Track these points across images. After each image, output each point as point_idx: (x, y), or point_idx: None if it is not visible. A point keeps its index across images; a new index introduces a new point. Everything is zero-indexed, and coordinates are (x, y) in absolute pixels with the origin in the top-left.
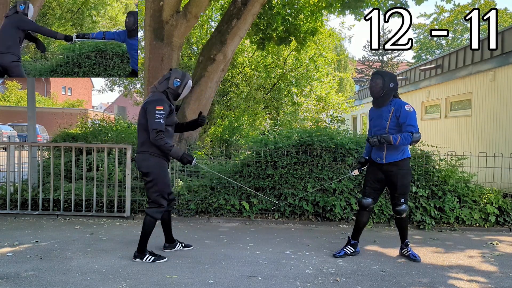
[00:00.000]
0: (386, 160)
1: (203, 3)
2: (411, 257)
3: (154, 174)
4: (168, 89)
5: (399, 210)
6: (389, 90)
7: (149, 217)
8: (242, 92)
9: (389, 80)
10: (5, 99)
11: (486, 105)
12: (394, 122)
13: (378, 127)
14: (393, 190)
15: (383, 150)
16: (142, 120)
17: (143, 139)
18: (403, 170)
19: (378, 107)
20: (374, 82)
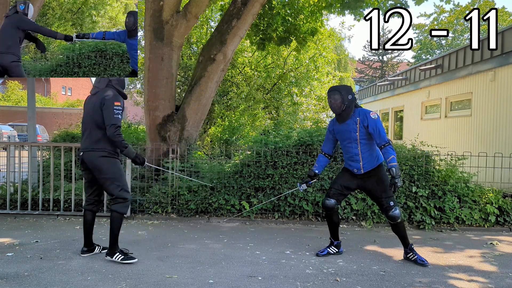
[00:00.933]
0: (365, 170)
1: (203, 3)
2: (419, 262)
3: (113, 169)
4: (111, 81)
5: (392, 215)
6: (349, 102)
7: (115, 213)
8: (242, 92)
9: (347, 93)
10: (5, 99)
11: (486, 105)
12: (363, 131)
13: (348, 140)
14: (377, 196)
15: (359, 161)
16: (97, 117)
17: (98, 137)
18: (380, 174)
19: (343, 121)
20: (332, 98)
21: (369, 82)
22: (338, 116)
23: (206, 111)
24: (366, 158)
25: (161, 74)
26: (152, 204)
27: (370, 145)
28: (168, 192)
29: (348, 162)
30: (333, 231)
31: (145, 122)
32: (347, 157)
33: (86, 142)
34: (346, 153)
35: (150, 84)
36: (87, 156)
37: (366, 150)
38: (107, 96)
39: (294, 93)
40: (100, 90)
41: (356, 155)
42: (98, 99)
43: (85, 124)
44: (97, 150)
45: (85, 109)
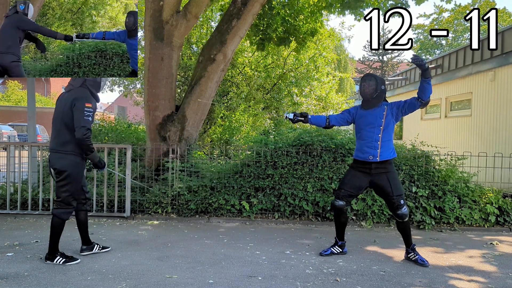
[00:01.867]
0: (381, 158)
1: (203, 3)
2: (419, 262)
3: (70, 174)
4: (86, 80)
5: (401, 214)
6: (381, 92)
7: (56, 218)
8: (242, 92)
9: (381, 82)
10: (6, 99)
11: (486, 105)
12: (389, 120)
13: (371, 125)
14: (388, 193)
15: (377, 148)
16: (66, 118)
17: (66, 139)
18: (392, 170)
19: (369, 108)
20: (367, 83)
21: None
22: (366, 102)
23: (206, 111)
24: (384, 147)
25: (161, 74)
26: (152, 204)
27: (389, 135)
28: (168, 192)
29: (364, 149)
30: (339, 231)
31: (145, 122)
32: (364, 143)
33: (53, 143)
34: (364, 139)
35: (150, 84)
36: (52, 157)
37: (386, 139)
38: (78, 96)
39: (294, 93)
40: (73, 89)
41: (376, 141)
42: (69, 98)
43: (54, 122)
44: (63, 153)
45: (56, 106)
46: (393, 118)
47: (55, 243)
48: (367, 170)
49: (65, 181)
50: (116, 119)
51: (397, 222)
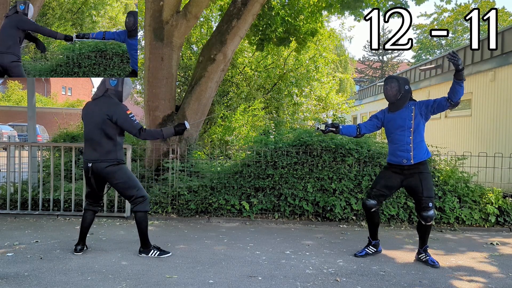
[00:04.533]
0: (415, 161)
1: (203, 3)
2: (430, 263)
3: (124, 174)
4: (108, 90)
5: (426, 216)
6: (405, 92)
7: (140, 213)
8: (242, 92)
9: (404, 82)
10: (6, 99)
11: (486, 105)
12: (418, 120)
13: (401, 128)
14: (418, 193)
15: (409, 151)
16: (107, 129)
17: (109, 148)
18: (426, 171)
19: (396, 110)
20: (389, 86)
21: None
22: (392, 105)
23: (206, 111)
24: (417, 148)
25: (161, 74)
26: (152, 204)
27: (421, 136)
28: (168, 192)
29: (397, 153)
30: (372, 231)
31: (145, 122)
32: (396, 147)
33: (95, 154)
34: (396, 143)
35: (150, 84)
36: (96, 167)
37: (418, 141)
38: (117, 110)
39: (294, 93)
40: (97, 98)
41: (407, 144)
42: (104, 111)
43: (91, 134)
44: (107, 161)
45: (89, 117)
46: (423, 118)
47: (147, 236)
48: (400, 171)
49: (125, 183)
50: None
51: (419, 222)
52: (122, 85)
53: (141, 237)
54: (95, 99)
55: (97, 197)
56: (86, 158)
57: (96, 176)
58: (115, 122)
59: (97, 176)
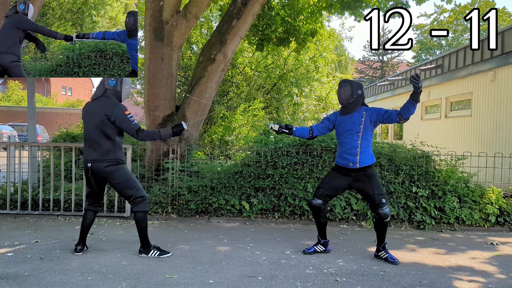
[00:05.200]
0: (360, 165)
1: (203, 3)
2: (390, 260)
3: (123, 174)
4: (107, 90)
5: (383, 213)
6: (357, 97)
7: (139, 213)
8: (242, 92)
9: (357, 87)
10: (6, 99)
11: (486, 105)
12: (367, 126)
13: (350, 131)
14: (369, 193)
15: (356, 155)
16: (106, 129)
17: (108, 148)
18: (372, 173)
19: (347, 113)
20: (343, 89)
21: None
22: (344, 108)
23: (206, 111)
24: (363, 153)
25: (161, 74)
26: (152, 204)
27: (368, 142)
28: (168, 192)
29: (344, 155)
30: (320, 230)
31: (145, 122)
32: (344, 150)
33: (94, 154)
34: (344, 146)
35: (150, 84)
36: (96, 166)
37: (365, 146)
38: (115, 111)
39: (294, 93)
40: (96, 98)
41: (354, 148)
42: (102, 111)
43: (91, 134)
44: (106, 161)
45: (88, 117)
46: (371, 124)
47: (146, 236)
48: (348, 173)
49: (124, 183)
50: None
51: (377, 221)
52: (121, 85)
53: (141, 237)
54: (94, 99)
55: (98, 197)
56: (86, 158)
57: (96, 176)
58: (113, 122)
59: (97, 176)
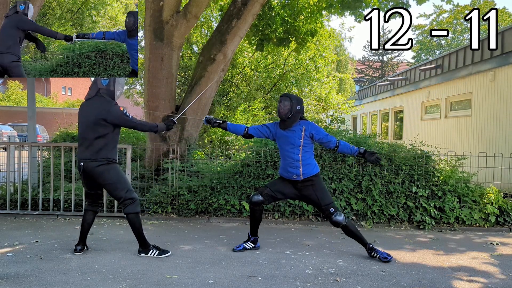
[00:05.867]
0: (304, 176)
1: (203, 3)
2: (382, 259)
3: (114, 175)
4: (100, 90)
5: (335, 221)
6: (296, 112)
7: (131, 215)
8: (242, 92)
9: (297, 102)
10: (6, 99)
11: (486, 105)
12: (306, 139)
13: (291, 145)
14: (316, 204)
15: (298, 167)
16: (99, 129)
17: (99, 147)
18: (318, 182)
19: (286, 128)
20: (282, 103)
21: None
22: (283, 122)
23: (206, 111)
24: (306, 166)
25: (161, 74)
26: (152, 204)
27: (309, 153)
28: (168, 192)
29: (287, 168)
30: (253, 227)
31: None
32: (286, 163)
33: (86, 153)
34: (286, 159)
35: (150, 84)
36: (87, 166)
37: (306, 158)
38: (111, 110)
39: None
40: (90, 98)
41: (296, 161)
42: (97, 112)
43: (84, 134)
44: (97, 160)
45: (82, 117)
46: (310, 140)
47: (143, 237)
48: (294, 184)
49: (114, 184)
50: None
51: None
52: (114, 84)
53: (138, 238)
54: (88, 99)
55: (96, 197)
56: (79, 157)
57: (87, 175)
58: (110, 122)
59: (88, 175)
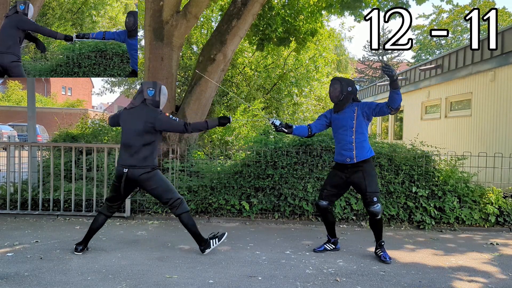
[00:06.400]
0: (357, 159)
1: (203, 3)
2: (382, 259)
3: (159, 180)
4: (145, 100)
5: (374, 211)
6: (347, 93)
7: (183, 215)
8: (242, 92)
9: (347, 84)
10: (6, 99)
11: (486, 105)
12: (360, 120)
13: (344, 127)
14: (362, 189)
15: (352, 150)
16: (147, 137)
17: (146, 154)
18: (370, 168)
19: (339, 110)
20: (332, 87)
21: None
22: (335, 105)
23: (206, 111)
24: (359, 148)
25: (161, 74)
26: (152, 204)
27: (363, 136)
28: None
29: (341, 152)
30: (329, 229)
31: None
32: (340, 146)
33: (132, 160)
34: (340, 142)
35: None
36: (132, 173)
37: (360, 140)
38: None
39: (294, 93)
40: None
41: (350, 143)
42: (145, 119)
43: (130, 141)
44: (143, 167)
45: (129, 124)
46: (365, 118)
47: (199, 234)
48: (345, 169)
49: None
50: None
51: (370, 218)
52: (159, 94)
53: (194, 236)
54: (131, 108)
55: (120, 204)
56: (122, 163)
57: (130, 182)
58: (158, 129)
59: (131, 182)
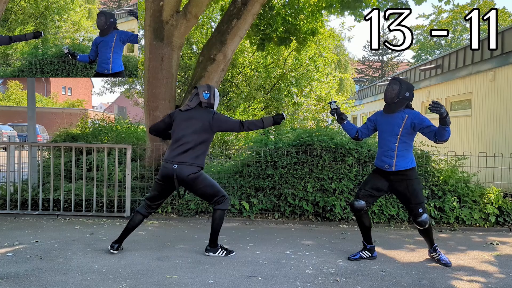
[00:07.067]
0: (396, 168)
1: (203, 3)
2: (442, 262)
3: (206, 180)
4: (201, 103)
5: (421, 221)
6: (403, 98)
7: (219, 211)
8: (242, 92)
9: (406, 88)
10: (6, 99)
11: (486, 105)
12: (407, 129)
13: (389, 132)
14: (406, 201)
15: (393, 157)
16: (205, 135)
17: (199, 153)
18: (412, 178)
19: (389, 112)
20: (390, 87)
21: (369, 82)
22: (387, 106)
23: None
24: (401, 157)
25: (161, 74)
26: None
27: (408, 145)
28: None
29: (381, 157)
30: (364, 235)
31: (145, 122)
32: (382, 152)
33: (183, 156)
34: (382, 147)
35: (150, 84)
36: (181, 169)
37: (402, 149)
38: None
39: (294, 93)
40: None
41: (391, 150)
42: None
43: (187, 137)
44: (194, 165)
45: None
46: (412, 128)
47: (217, 236)
48: (386, 176)
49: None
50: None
51: (418, 228)
52: (213, 97)
53: (212, 235)
54: (187, 110)
55: (160, 204)
56: (172, 160)
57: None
58: (216, 128)
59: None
